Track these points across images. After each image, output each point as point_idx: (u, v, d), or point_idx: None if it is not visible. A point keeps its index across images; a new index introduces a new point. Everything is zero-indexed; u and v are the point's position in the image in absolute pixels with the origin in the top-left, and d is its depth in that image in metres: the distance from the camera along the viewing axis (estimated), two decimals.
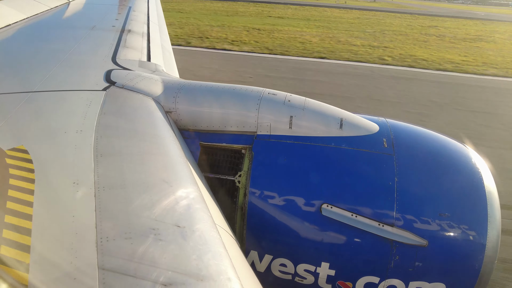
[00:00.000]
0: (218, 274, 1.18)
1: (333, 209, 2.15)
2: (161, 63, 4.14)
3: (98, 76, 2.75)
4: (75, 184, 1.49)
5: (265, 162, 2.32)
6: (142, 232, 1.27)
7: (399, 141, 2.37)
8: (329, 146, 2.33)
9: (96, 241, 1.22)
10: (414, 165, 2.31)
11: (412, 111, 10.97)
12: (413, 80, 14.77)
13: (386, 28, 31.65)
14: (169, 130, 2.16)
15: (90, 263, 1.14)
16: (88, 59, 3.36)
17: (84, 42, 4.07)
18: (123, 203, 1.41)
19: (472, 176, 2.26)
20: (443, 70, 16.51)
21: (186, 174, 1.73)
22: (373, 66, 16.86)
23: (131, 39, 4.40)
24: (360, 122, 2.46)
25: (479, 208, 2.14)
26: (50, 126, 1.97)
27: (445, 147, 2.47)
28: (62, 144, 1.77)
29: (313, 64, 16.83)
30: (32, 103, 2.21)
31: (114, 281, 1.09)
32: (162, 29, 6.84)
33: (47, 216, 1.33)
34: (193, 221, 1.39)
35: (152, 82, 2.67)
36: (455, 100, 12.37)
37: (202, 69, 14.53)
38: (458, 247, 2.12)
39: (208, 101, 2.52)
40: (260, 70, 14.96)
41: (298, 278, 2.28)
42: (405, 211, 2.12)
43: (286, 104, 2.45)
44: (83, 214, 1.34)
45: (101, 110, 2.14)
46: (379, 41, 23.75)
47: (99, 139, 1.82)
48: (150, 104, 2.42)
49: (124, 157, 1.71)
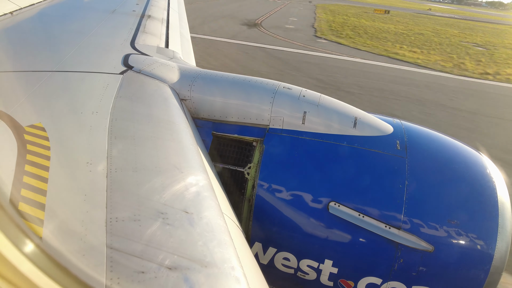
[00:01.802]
0: (222, 262, 1.20)
1: (340, 208, 2.15)
2: (179, 51, 4.16)
3: (116, 59, 2.78)
4: (89, 164, 1.52)
5: (276, 156, 2.32)
6: (150, 215, 1.29)
7: (412, 144, 2.34)
8: (341, 145, 2.32)
9: (106, 221, 1.25)
10: (426, 169, 2.27)
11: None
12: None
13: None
14: (183, 118, 2.18)
15: (99, 241, 1.17)
16: (108, 42, 3.40)
17: (105, 25, 4.11)
18: (134, 185, 1.43)
19: (486, 185, 2.22)
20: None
21: (197, 162, 1.74)
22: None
23: (150, 25, 4.43)
24: (374, 122, 2.44)
25: (490, 218, 2.11)
26: (67, 106, 2.00)
27: (460, 154, 2.42)
28: (78, 124, 1.81)
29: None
30: (52, 82, 2.26)
31: (120, 260, 1.11)
32: (181, 16, 6.85)
33: (60, 193, 1.36)
34: (201, 208, 1.41)
35: (169, 69, 2.69)
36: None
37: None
38: (464, 255, 2.09)
39: (223, 91, 2.53)
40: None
41: (300, 273, 2.30)
42: (413, 215, 2.10)
43: (300, 99, 2.44)
44: (94, 193, 1.37)
45: (117, 93, 2.17)
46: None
47: (114, 122, 1.84)
48: (166, 91, 2.44)
49: (137, 140, 1.74)
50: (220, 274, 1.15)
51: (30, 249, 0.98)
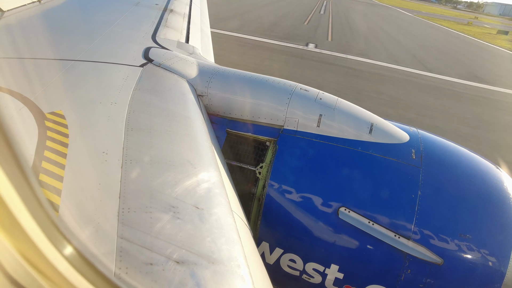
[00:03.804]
0: (229, 259, 1.21)
1: (350, 214, 2.13)
2: (199, 46, 4.19)
3: (137, 52, 2.82)
4: (104, 153, 1.55)
5: (288, 157, 2.32)
6: (162, 208, 1.31)
7: (428, 154, 2.30)
8: (355, 150, 2.29)
9: (118, 211, 1.27)
10: (440, 181, 2.23)
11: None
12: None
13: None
14: (199, 113, 2.20)
15: (110, 230, 1.20)
16: (130, 34, 3.45)
17: (128, 17, 4.18)
18: (147, 177, 1.46)
19: (502, 201, 2.16)
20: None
21: (210, 158, 1.76)
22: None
23: (172, 19, 4.47)
24: (390, 129, 2.40)
25: (505, 234, 2.05)
26: (87, 95, 2.05)
27: (477, 167, 2.37)
28: (96, 114, 1.85)
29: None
30: (74, 71, 2.31)
31: (130, 251, 1.14)
32: (203, 12, 6.89)
33: (76, 180, 1.40)
34: (211, 205, 1.42)
35: (188, 64, 2.72)
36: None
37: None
38: (475, 271, 2.05)
39: (240, 89, 2.54)
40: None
41: (305, 276, 2.29)
42: (424, 226, 2.06)
43: (317, 102, 2.43)
44: (109, 183, 1.40)
45: (136, 85, 2.21)
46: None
47: (132, 114, 1.88)
48: (184, 86, 2.46)
49: (153, 133, 1.76)
50: (226, 272, 1.16)
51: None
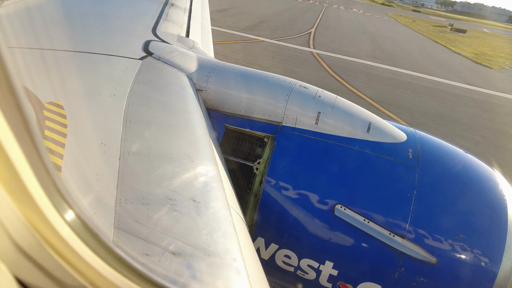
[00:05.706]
0: (225, 252, 1.22)
1: (346, 211, 2.14)
2: (199, 41, 4.18)
3: (137, 45, 2.81)
4: (103, 144, 1.55)
5: (286, 154, 2.33)
6: (159, 200, 1.32)
7: (425, 154, 2.31)
8: (352, 148, 2.31)
9: (115, 201, 1.28)
10: (436, 181, 2.25)
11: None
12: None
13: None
14: (197, 108, 2.20)
15: (107, 221, 1.20)
16: (130, 26, 3.44)
17: (128, 10, 4.16)
18: (145, 169, 1.46)
19: (496, 201, 2.18)
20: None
21: (208, 153, 1.76)
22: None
23: (173, 13, 4.45)
24: (388, 129, 2.42)
25: (498, 235, 2.08)
26: (86, 86, 2.04)
27: (472, 168, 2.39)
28: (95, 105, 1.84)
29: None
30: (74, 62, 2.30)
31: (126, 242, 1.14)
32: (204, 7, 6.86)
33: (74, 170, 1.40)
34: (208, 198, 1.43)
35: (187, 59, 2.71)
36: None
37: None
38: (467, 270, 2.07)
39: (239, 85, 2.54)
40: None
41: (300, 272, 2.31)
42: (418, 225, 2.08)
43: (316, 99, 2.43)
44: (106, 174, 1.40)
45: (135, 78, 2.20)
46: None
47: (130, 106, 1.88)
48: (183, 80, 2.46)
49: (151, 126, 1.77)
50: (222, 264, 1.17)
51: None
